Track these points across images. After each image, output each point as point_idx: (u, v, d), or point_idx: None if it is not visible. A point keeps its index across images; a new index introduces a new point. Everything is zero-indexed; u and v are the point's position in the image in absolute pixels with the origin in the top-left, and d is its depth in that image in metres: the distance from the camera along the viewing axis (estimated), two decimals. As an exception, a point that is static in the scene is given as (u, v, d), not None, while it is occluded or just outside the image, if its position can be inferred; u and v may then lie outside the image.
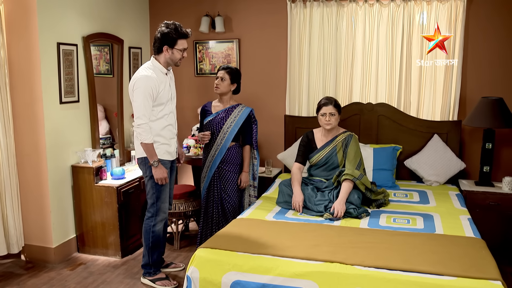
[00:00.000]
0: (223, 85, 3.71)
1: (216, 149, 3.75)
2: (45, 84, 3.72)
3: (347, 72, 4.54)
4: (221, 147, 3.73)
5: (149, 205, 3.48)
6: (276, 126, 4.83)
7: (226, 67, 3.76)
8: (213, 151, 3.77)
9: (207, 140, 3.76)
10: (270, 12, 4.71)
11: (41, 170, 3.80)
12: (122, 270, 3.81)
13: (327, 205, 3.40)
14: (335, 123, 3.63)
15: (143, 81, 3.20)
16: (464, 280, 2.35)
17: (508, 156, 4.23)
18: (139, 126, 3.20)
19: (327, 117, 3.59)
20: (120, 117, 4.59)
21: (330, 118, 3.59)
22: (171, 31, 3.25)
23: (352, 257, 2.59)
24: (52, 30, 3.75)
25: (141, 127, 3.19)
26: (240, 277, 2.59)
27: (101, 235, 4.04)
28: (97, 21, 4.25)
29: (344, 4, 4.46)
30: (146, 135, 3.21)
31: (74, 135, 4.06)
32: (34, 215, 3.91)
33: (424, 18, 4.26)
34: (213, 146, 3.77)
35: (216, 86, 3.72)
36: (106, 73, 4.66)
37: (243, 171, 3.87)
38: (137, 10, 4.90)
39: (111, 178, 4.10)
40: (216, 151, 3.75)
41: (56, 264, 3.90)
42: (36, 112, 3.73)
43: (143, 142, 3.23)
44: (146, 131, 3.21)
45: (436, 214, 3.38)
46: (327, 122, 3.60)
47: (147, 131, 3.21)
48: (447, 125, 4.23)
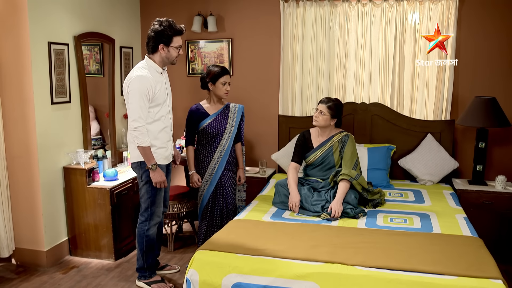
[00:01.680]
0: (322, 118, 3.60)
1: (222, 150, 3.69)
2: (36, 84, 3.64)
3: (340, 71, 4.55)
4: (226, 148, 3.69)
5: (142, 209, 3.40)
6: (269, 126, 4.81)
7: (227, 70, 3.68)
8: (218, 153, 3.69)
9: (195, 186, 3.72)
10: (263, 12, 4.69)
11: (33, 172, 3.73)
12: (116, 273, 3.75)
13: (324, 205, 3.39)
14: (323, 123, 3.59)
15: (138, 82, 3.11)
16: (465, 280, 2.35)
17: (500, 155, 4.27)
18: (135, 129, 3.10)
19: (316, 114, 3.59)
20: (112, 118, 4.53)
21: (318, 115, 3.58)
22: (166, 28, 3.16)
23: (353, 258, 2.58)
24: (43, 29, 3.68)
25: (138, 130, 3.10)
26: (240, 279, 2.56)
27: (94, 237, 3.98)
28: (88, 20, 4.18)
29: (337, 4, 4.46)
30: (143, 138, 3.12)
31: (66, 136, 3.99)
32: (25, 218, 3.83)
33: (417, 18, 4.28)
34: (218, 148, 3.69)
35: (226, 92, 3.68)
36: (96, 73, 4.59)
37: (240, 168, 3.86)
38: (128, 9, 4.84)
39: (104, 180, 4.04)
40: (222, 153, 3.69)
41: (48, 268, 3.82)
42: (27, 113, 3.66)
43: (140, 145, 3.13)
44: (143, 134, 3.12)
45: (432, 213, 3.39)
46: (314, 118, 3.61)
47: (144, 134, 3.12)
48: (440, 124, 4.26)
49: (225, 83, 3.64)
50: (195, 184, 3.70)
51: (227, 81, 3.64)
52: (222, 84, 3.63)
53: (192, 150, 3.76)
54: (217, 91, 3.66)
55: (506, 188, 3.91)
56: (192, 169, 3.72)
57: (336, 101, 3.60)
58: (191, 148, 3.75)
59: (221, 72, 3.63)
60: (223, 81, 3.63)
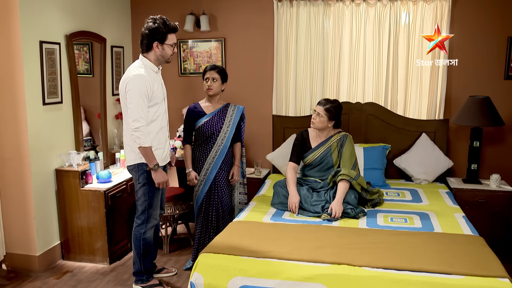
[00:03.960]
0: (215, 86, 3.61)
1: (217, 150, 3.64)
2: (28, 84, 3.54)
3: (334, 71, 4.54)
4: (222, 148, 3.63)
5: (139, 212, 3.33)
6: (262, 126, 4.77)
7: (214, 66, 3.64)
8: (212, 153, 3.64)
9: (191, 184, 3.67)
10: (256, 11, 4.65)
11: (24, 175, 3.62)
12: (112, 277, 3.67)
13: (324, 206, 3.37)
14: (320, 125, 3.56)
15: (137, 81, 3.04)
16: (472, 279, 2.36)
17: (492, 154, 4.32)
18: (137, 129, 3.02)
19: (314, 116, 3.57)
20: (103, 119, 4.43)
21: (316, 117, 3.55)
22: (160, 25, 3.10)
23: (359, 259, 2.57)
24: (34, 27, 3.58)
25: (140, 130, 3.02)
26: (247, 282, 2.52)
27: (88, 241, 3.88)
28: (79, 19, 4.08)
29: (330, 4, 4.45)
30: (145, 138, 3.05)
31: (57, 137, 3.88)
32: (16, 222, 3.72)
33: (410, 17, 4.30)
34: (213, 147, 3.64)
35: (208, 88, 3.61)
36: (85, 73, 4.49)
37: (235, 165, 3.78)
38: (119, 7, 4.74)
39: (97, 182, 3.95)
40: (217, 153, 3.64)
41: (41, 273, 3.72)
42: (18, 114, 3.55)
43: (142, 146, 3.05)
44: (145, 134, 3.05)
45: (431, 212, 3.41)
46: (312, 121, 3.59)
47: (145, 134, 3.05)
48: (434, 124, 4.28)
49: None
50: (192, 182, 3.65)
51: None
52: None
53: (190, 148, 3.71)
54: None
55: (501, 186, 3.96)
56: (189, 167, 3.67)
57: (335, 103, 3.57)
58: (188, 146, 3.70)
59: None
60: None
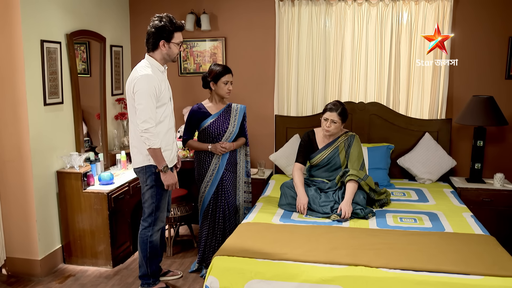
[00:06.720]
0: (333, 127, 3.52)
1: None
2: (29, 84, 3.45)
3: (336, 71, 4.52)
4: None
5: (146, 214, 3.26)
6: (264, 126, 4.74)
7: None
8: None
9: (226, 151, 3.60)
10: (257, 10, 4.61)
11: (25, 177, 3.53)
12: (116, 281, 3.60)
13: (333, 206, 3.35)
14: (335, 131, 3.52)
15: (145, 81, 2.97)
16: (491, 279, 2.36)
17: (495, 153, 4.34)
18: (146, 130, 2.95)
19: (328, 123, 3.50)
20: (103, 119, 4.35)
21: (331, 125, 3.49)
22: (166, 23, 3.03)
23: (375, 260, 2.55)
24: (36, 26, 3.49)
25: (149, 131, 2.96)
26: (264, 285, 2.49)
27: (90, 244, 3.81)
28: (79, 17, 4.00)
29: (332, 3, 4.43)
30: (155, 139, 2.99)
31: (58, 139, 3.80)
32: (17, 225, 3.62)
33: (412, 17, 4.30)
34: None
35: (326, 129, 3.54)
36: (82, 72, 4.40)
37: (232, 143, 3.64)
38: (118, 6, 4.66)
39: (99, 184, 3.87)
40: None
41: (43, 278, 3.63)
42: (19, 114, 3.46)
43: (151, 147, 2.99)
44: (154, 135, 2.98)
45: (440, 212, 3.41)
46: (326, 128, 3.51)
47: (155, 135, 2.98)
48: (437, 123, 4.29)
49: (227, 82, 3.56)
50: (220, 148, 3.57)
51: (229, 80, 3.56)
52: (224, 83, 3.55)
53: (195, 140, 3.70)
54: (219, 91, 3.57)
55: (505, 185, 3.98)
56: (207, 146, 3.59)
57: (342, 105, 3.53)
58: (191, 140, 3.69)
59: (223, 71, 3.54)
60: (225, 80, 3.55)
